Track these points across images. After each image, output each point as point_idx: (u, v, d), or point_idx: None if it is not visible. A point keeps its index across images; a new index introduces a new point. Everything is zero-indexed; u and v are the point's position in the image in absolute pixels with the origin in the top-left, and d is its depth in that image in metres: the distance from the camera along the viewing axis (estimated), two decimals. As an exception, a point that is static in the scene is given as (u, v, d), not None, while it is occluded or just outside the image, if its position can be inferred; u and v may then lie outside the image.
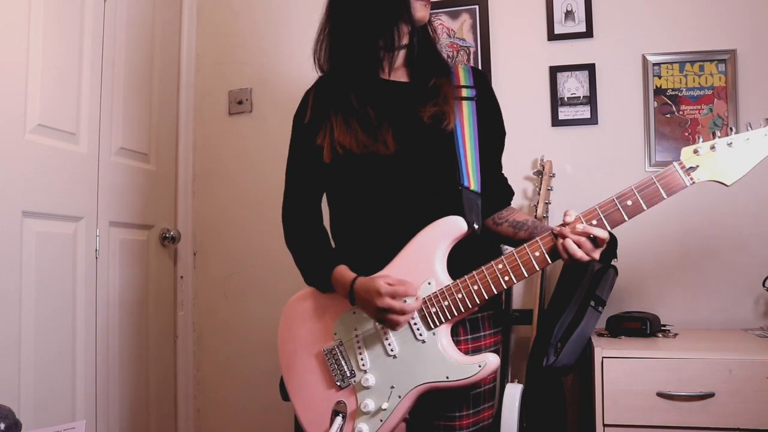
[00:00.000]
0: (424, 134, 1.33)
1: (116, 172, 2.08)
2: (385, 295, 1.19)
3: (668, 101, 2.16)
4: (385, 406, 1.23)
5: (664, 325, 1.99)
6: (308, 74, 1.50)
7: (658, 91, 2.17)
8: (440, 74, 1.39)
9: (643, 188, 1.13)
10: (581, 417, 2.08)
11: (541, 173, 2.11)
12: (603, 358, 1.66)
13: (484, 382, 1.32)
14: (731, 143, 1.08)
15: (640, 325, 1.89)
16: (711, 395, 1.59)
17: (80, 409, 1.87)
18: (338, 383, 1.28)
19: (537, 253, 1.18)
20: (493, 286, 1.20)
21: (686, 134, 2.14)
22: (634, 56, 2.20)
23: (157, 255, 2.33)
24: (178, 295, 2.45)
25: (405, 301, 1.20)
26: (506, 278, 1.19)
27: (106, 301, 2.01)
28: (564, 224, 1.17)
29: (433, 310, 1.22)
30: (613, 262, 1.97)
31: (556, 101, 2.24)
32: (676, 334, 1.91)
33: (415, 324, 1.23)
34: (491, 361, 1.20)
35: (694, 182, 1.11)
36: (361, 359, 1.26)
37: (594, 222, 1.15)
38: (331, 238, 1.41)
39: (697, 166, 1.10)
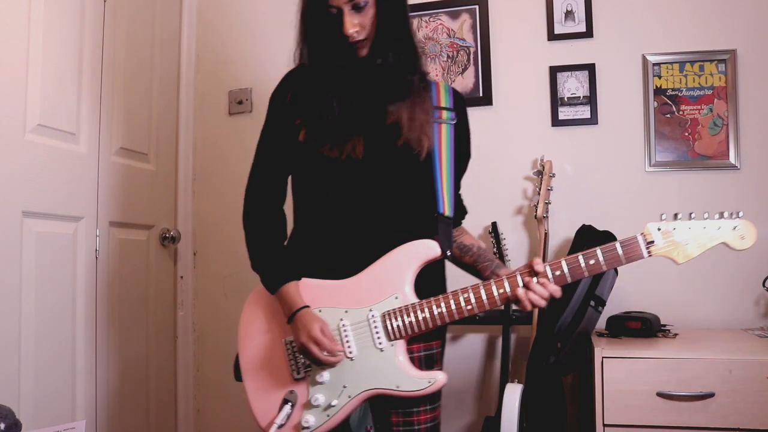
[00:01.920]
0: (397, 160, 1.33)
1: (116, 172, 2.08)
2: (312, 340, 1.25)
3: (668, 101, 2.16)
4: (334, 402, 1.28)
5: (664, 325, 1.99)
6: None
7: (658, 91, 2.17)
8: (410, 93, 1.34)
9: (606, 251, 1.22)
10: (581, 417, 2.08)
11: (541, 173, 2.11)
12: (603, 358, 1.66)
13: None
14: (690, 228, 1.22)
15: (640, 325, 1.89)
16: (711, 395, 1.59)
17: (80, 409, 1.87)
18: (293, 374, 1.33)
19: (501, 290, 1.26)
20: (455, 313, 1.27)
21: (686, 134, 2.14)
22: (634, 56, 2.20)
23: (157, 255, 2.33)
24: (178, 295, 2.45)
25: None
26: (468, 307, 1.26)
27: (106, 301, 2.01)
28: (531, 271, 1.25)
29: (396, 323, 1.27)
30: (613, 262, 1.97)
31: (556, 101, 2.24)
32: (676, 334, 1.91)
33: (377, 332, 1.28)
34: (439, 379, 1.27)
35: (650, 255, 1.22)
36: None
37: (558, 272, 1.24)
38: (293, 222, 1.43)
39: (654, 241, 1.21)
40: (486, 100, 2.29)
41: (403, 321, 1.27)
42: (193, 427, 2.49)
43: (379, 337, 1.28)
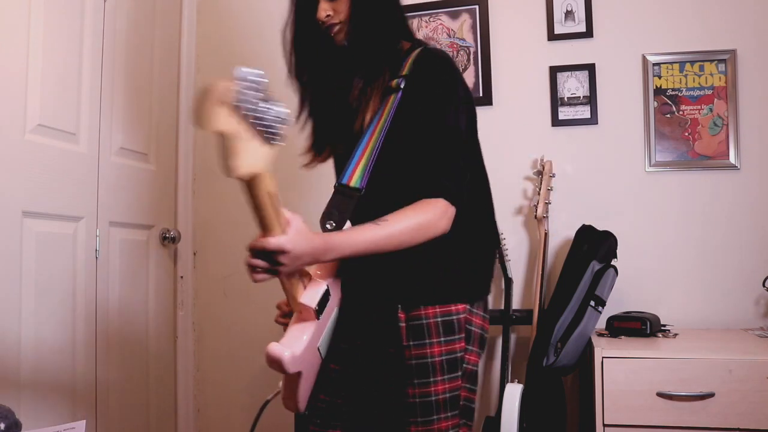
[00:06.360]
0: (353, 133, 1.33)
1: (116, 172, 2.08)
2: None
3: (668, 101, 2.16)
4: None
5: (664, 325, 1.99)
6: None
7: (658, 91, 2.17)
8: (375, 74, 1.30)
9: None
10: (581, 417, 2.08)
11: (541, 173, 2.11)
12: (603, 358, 1.66)
13: (436, 390, 1.25)
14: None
15: (640, 325, 1.89)
16: (711, 395, 1.59)
17: (80, 409, 1.87)
18: None
19: None
20: None
21: (686, 134, 2.14)
22: (634, 56, 2.20)
23: (157, 255, 2.33)
24: (178, 295, 2.45)
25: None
26: None
27: (106, 301, 2.01)
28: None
29: None
30: (613, 262, 1.97)
31: (556, 101, 2.24)
32: (676, 334, 1.91)
33: None
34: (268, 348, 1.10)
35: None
36: None
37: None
38: None
39: None
40: (486, 100, 2.28)
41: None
42: (193, 427, 2.49)
43: None
